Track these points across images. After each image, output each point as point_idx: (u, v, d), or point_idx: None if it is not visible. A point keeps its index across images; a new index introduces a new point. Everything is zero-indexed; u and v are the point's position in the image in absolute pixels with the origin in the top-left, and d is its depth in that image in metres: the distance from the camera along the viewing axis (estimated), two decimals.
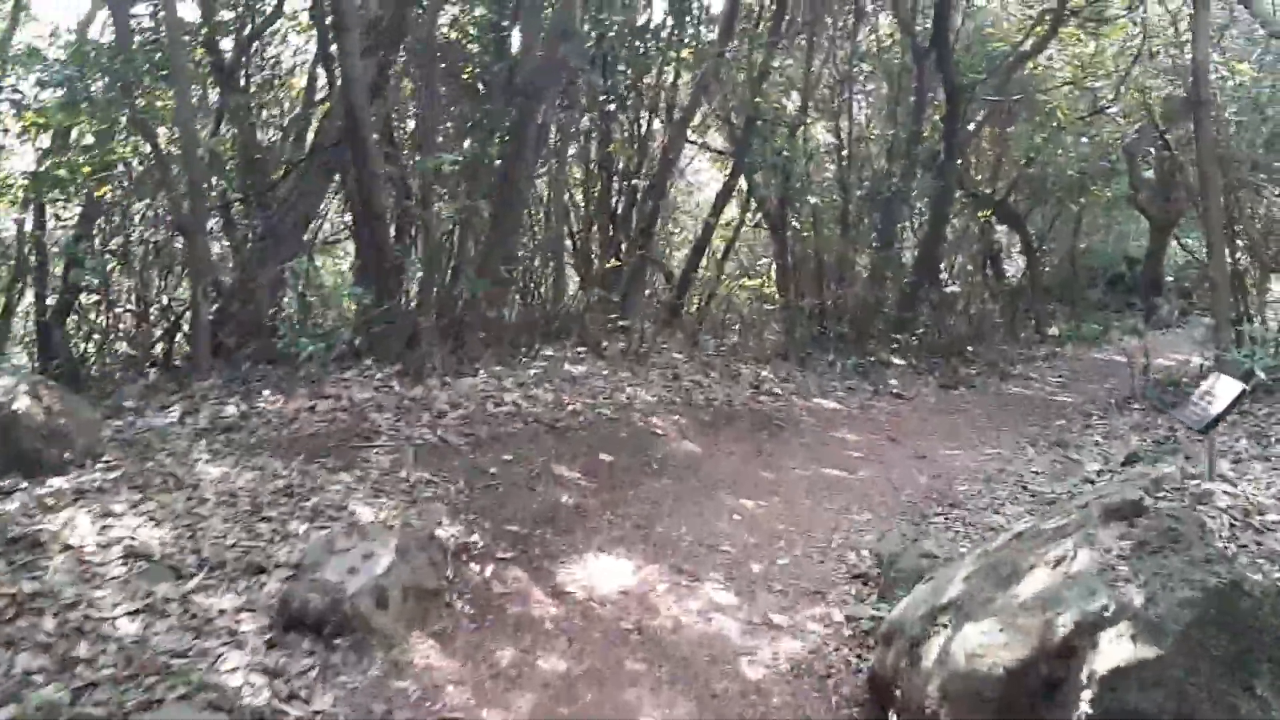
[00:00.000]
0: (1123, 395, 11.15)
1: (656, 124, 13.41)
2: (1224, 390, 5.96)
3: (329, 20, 7.65)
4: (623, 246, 11.21)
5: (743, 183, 14.48)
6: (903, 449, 7.87)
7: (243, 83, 9.62)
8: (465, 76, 10.58)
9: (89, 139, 8.34)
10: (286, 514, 4.89)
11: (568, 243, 12.21)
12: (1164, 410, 9.30)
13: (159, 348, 8.06)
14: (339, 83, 6.95)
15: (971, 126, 14.02)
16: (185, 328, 8.11)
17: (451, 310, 7.52)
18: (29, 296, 9.39)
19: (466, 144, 8.76)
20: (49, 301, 8.77)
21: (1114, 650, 2.90)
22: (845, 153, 14.75)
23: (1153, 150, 19.02)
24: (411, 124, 10.84)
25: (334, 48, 8.18)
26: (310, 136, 9.09)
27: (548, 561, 4.90)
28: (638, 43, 11.07)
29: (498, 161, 8.38)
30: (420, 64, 7.91)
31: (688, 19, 12.84)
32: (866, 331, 13.83)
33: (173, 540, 4.48)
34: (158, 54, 8.08)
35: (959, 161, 14.58)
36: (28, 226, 8.90)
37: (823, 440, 7.95)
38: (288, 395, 6.57)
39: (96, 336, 8.63)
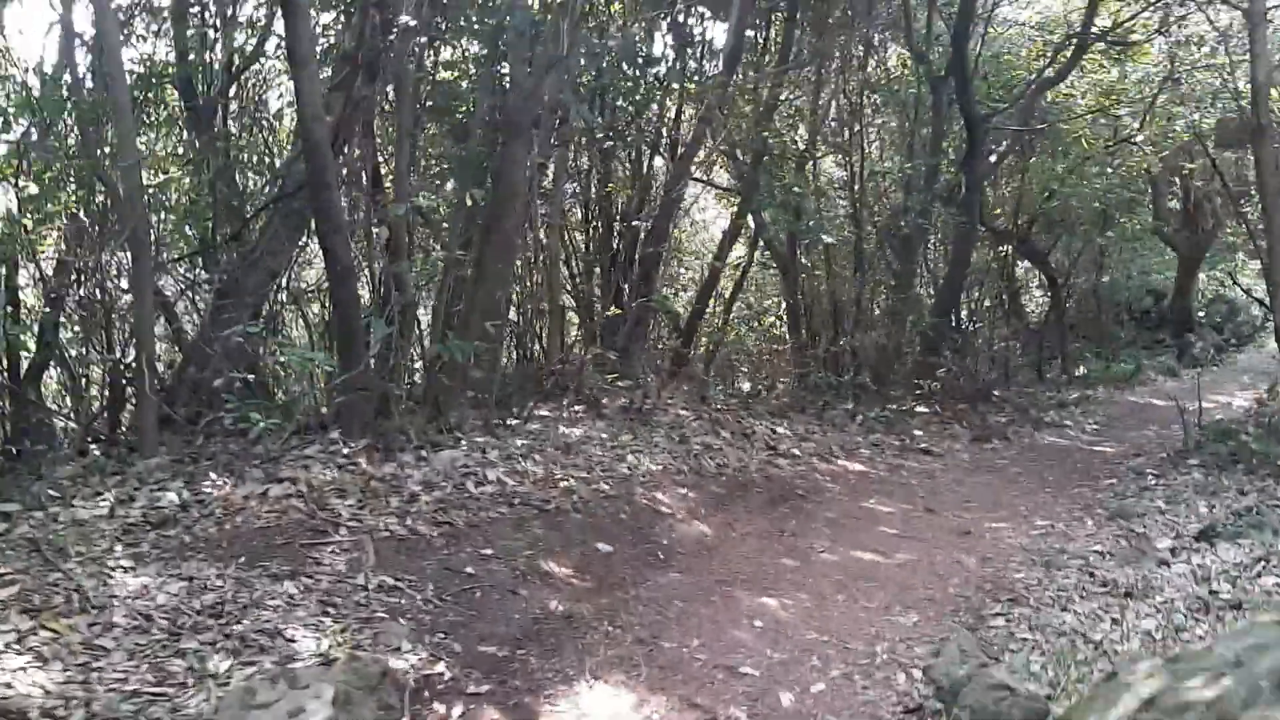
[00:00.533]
0: (1174, 447, 10.19)
1: (659, 161, 12.64)
2: None
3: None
4: (624, 293, 10.34)
5: (750, 221, 13.67)
6: (942, 522, 6.93)
7: (221, 125, 8.82)
8: (459, 115, 9.80)
9: (32, 189, 7.50)
10: (209, 643, 3.97)
11: (566, 291, 11.36)
12: (1224, 467, 8.37)
13: (105, 420, 7.16)
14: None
15: (993, 158, 13.14)
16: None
17: (431, 374, 6.63)
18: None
19: (450, 186, 7.93)
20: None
21: None
22: (858, 188, 13.91)
23: (1178, 181, 18.20)
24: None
25: None
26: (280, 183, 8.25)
27: (530, 696, 3.96)
28: (637, 74, 10.27)
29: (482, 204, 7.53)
30: (396, 100, 7.06)
31: (689, 50, 12.06)
32: (886, 378, 12.93)
33: (59, 688, 3.56)
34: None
35: (980, 195, 13.71)
36: None
37: (851, 512, 7.01)
38: (237, 479, 5.67)
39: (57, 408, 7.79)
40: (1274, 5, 10.78)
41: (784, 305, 14.77)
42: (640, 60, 9.71)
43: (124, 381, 6.91)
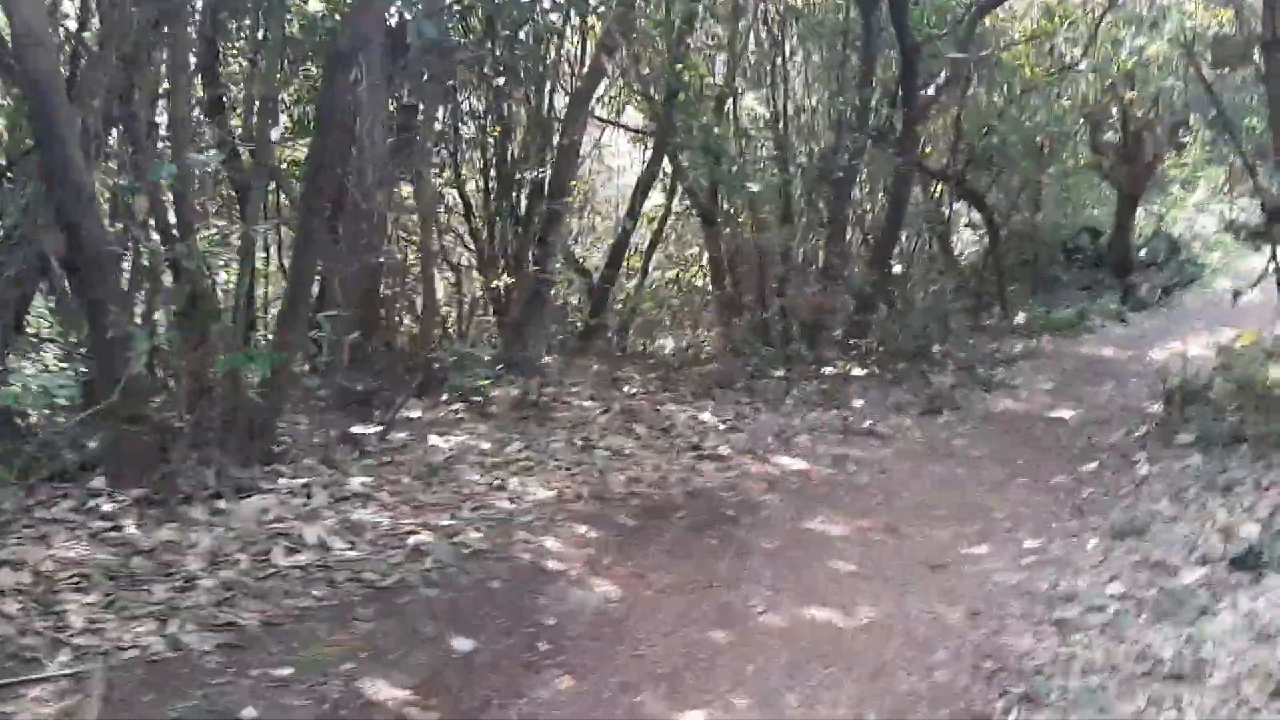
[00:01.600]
0: (1143, 411, 8.86)
1: (562, 102, 10.84)
2: None
3: None
4: (519, 258, 8.61)
5: (668, 166, 12.00)
6: (909, 547, 5.38)
7: None
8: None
9: None
10: None
11: (449, 263, 9.57)
12: (1225, 445, 6.99)
13: None
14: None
15: (931, 90, 11.56)
16: None
17: (233, 396, 4.87)
18: None
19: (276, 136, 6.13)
20: None
21: None
22: (782, 127, 12.27)
23: (1115, 112, 16.85)
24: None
25: None
26: None
27: None
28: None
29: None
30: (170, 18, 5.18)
31: None
32: (819, 338, 11.42)
33: None
34: None
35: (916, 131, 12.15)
36: None
37: (795, 538, 5.42)
38: None
39: None
40: None
41: (707, 259, 13.14)
42: None
43: None
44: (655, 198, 12.95)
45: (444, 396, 7.07)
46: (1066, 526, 5.73)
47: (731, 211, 12.46)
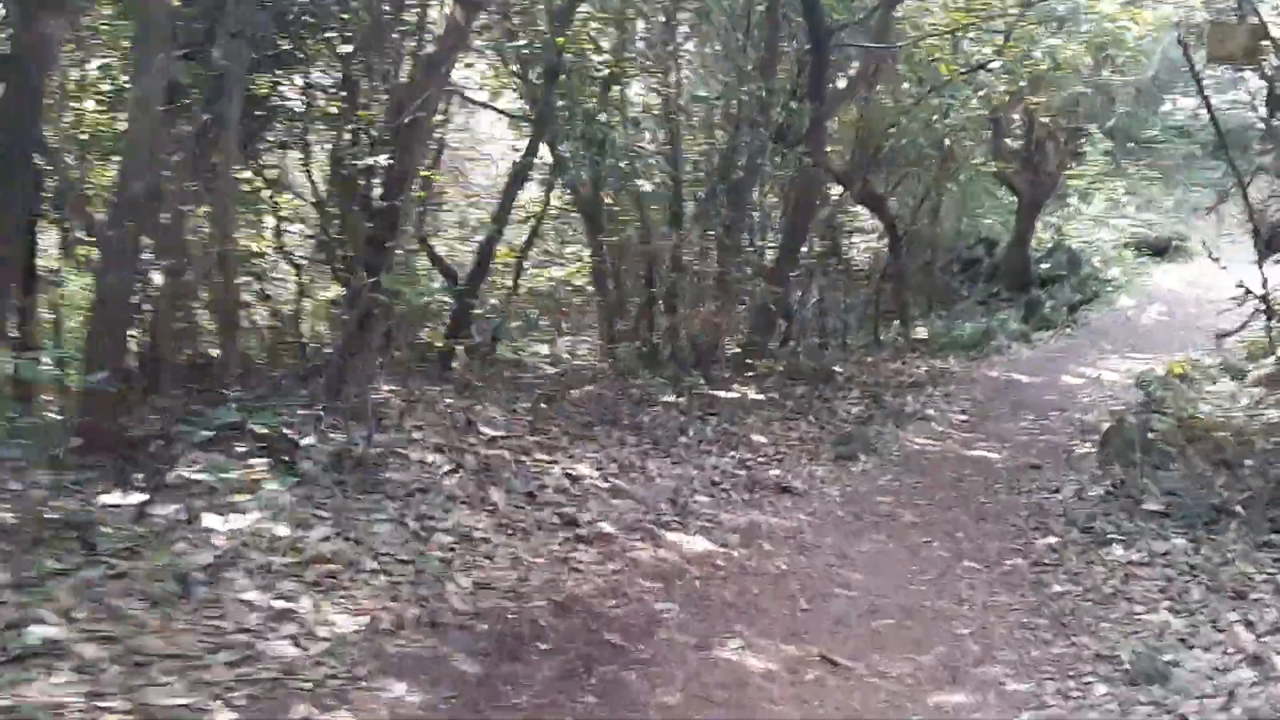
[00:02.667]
0: (1090, 467, 7.64)
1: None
2: None
3: None
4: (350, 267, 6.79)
5: (549, 156, 10.34)
6: (859, 697, 3.85)
7: None
8: None
9: None
10: None
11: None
12: (1210, 522, 5.71)
13: None
14: None
15: (843, 84, 10.16)
16: None
17: None
18: None
19: None
20: None
21: None
22: (675, 117, 10.73)
23: (1018, 117, 15.86)
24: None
25: None
26: None
27: None
28: None
29: None
30: None
31: None
32: (713, 357, 9.92)
33: None
34: None
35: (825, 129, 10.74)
36: None
37: (705, 684, 3.81)
38: None
39: None
40: None
41: (590, 257, 11.50)
42: None
43: None
44: (537, 191, 11.28)
45: (241, 449, 5.27)
46: (1052, 653, 4.28)
47: (617, 210, 10.89)
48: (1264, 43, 5.28)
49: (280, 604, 3.84)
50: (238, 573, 4.02)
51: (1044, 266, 15.91)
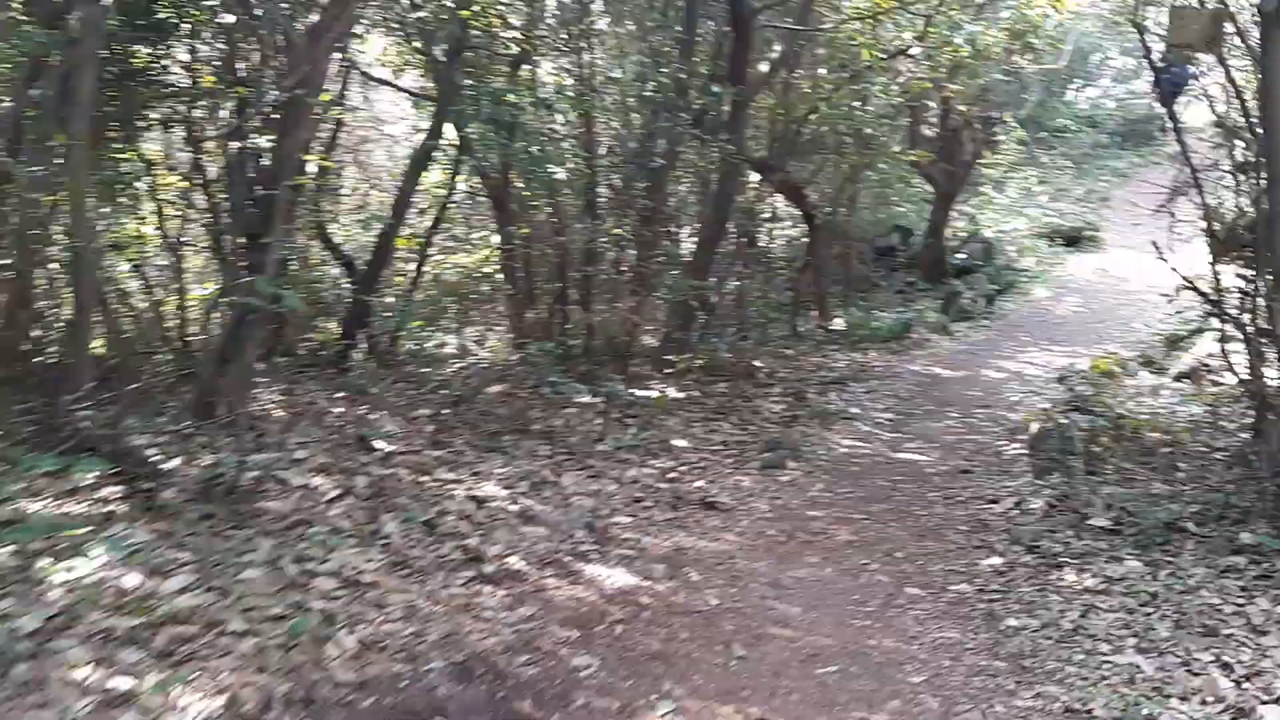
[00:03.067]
0: (1022, 472, 7.27)
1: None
2: None
3: None
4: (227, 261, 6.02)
5: (455, 138, 9.64)
6: None
7: None
8: None
9: None
10: None
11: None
12: (1156, 539, 5.32)
13: None
14: None
15: (765, 68, 9.62)
16: None
17: None
18: None
19: None
20: None
21: None
22: (588, 101, 10.07)
23: (933, 104, 15.53)
24: None
25: None
26: None
27: None
28: None
29: None
30: None
31: None
32: (630, 355, 9.35)
33: None
34: None
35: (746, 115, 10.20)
36: None
37: None
38: None
39: None
40: None
41: (499, 244, 10.80)
42: None
43: None
44: (444, 174, 10.54)
45: (93, 473, 4.51)
46: (1018, 706, 3.80)
47: (528, 196, 10.21)
48: (1226, 30, 4.87)
49: (119, 682, 3.14)
50: (71, 640, 3.31)
51: (960, 257, 15.66)
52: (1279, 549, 4.75)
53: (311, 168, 8.37)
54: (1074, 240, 16.42)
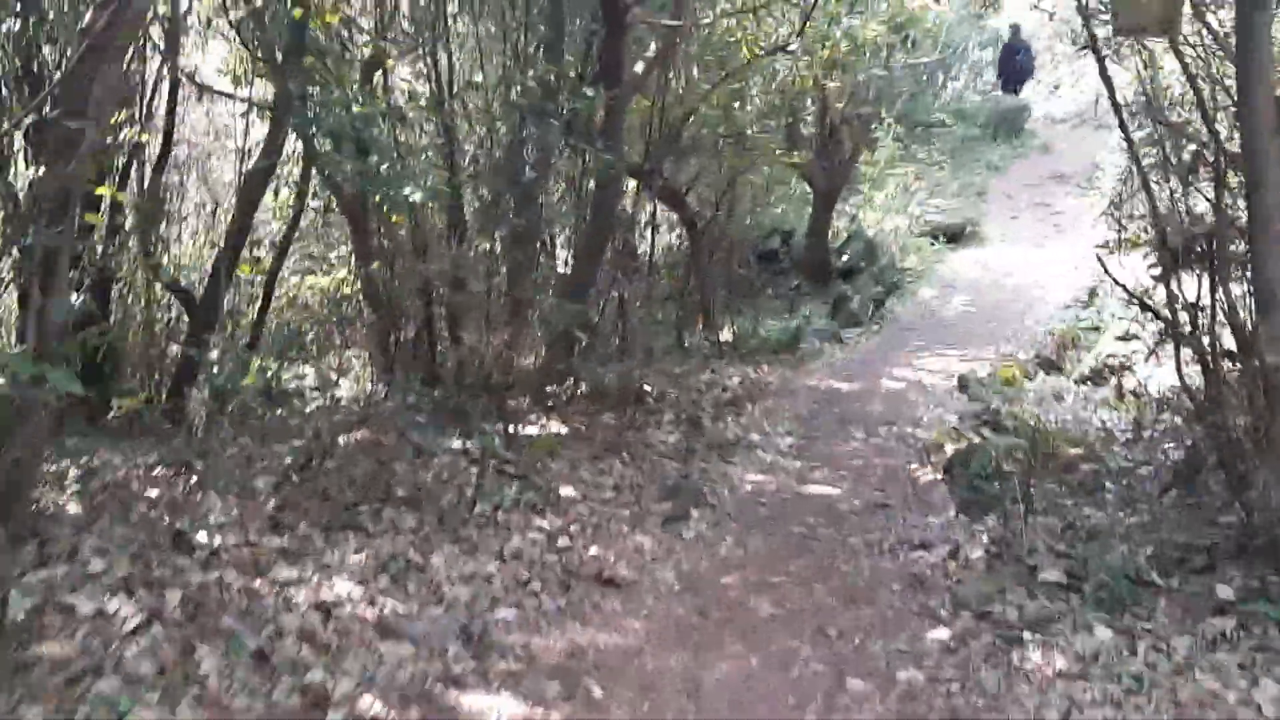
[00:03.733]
0: (945, 496, 6.62)
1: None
2: None
3: None
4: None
5: (298, 150, 8.54)
6: None
7: None
8: None
9: None
10: None
11: None
12: (1119, 603, 4.62)
13: None
14: None
15: (640, 67, 8.75)
16: None
17: None
18: None
19: None
20: None
21: None
22: (449, 109, 9.04)
23: (811, 101, 14.97)
24: None
25: None
26: None
27: None
28: None
29: None
30: None
31: None
32: (506, 389, 8.35)
33: None
34: None
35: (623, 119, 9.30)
36: None
37: None
38: None
39: None
40: None
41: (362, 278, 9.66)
42: None
43: None
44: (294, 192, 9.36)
45: None
46: None
47: (386, 211, 9.10)
48: (1182, 12, 4.19)
49: None
50: None
51: (843, 258, 15.09)
52: (1275, 618, 4.06)
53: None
54: (956, 236, 16.05)
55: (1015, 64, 21.36)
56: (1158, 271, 4.86)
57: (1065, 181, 18.18)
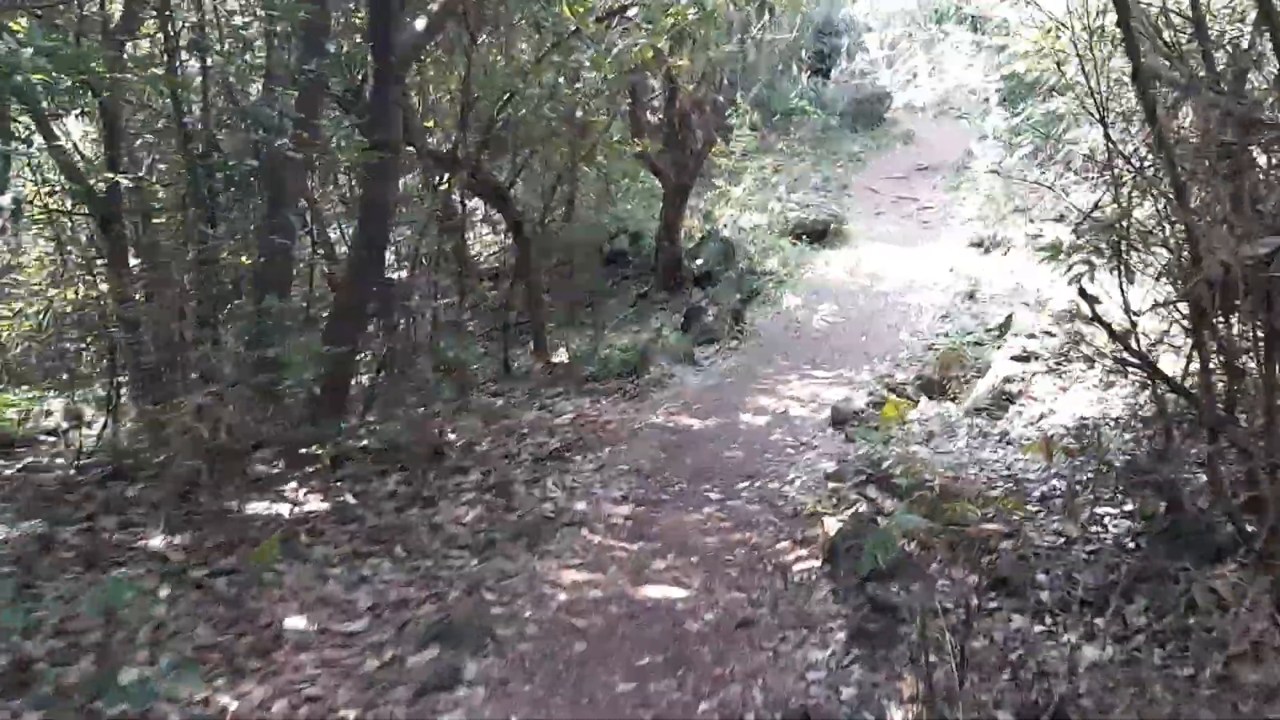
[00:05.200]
0: (826, 599, 4.73)
1: None
2: None
3: None
4: None
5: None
6: None
7: None
8: None
9: None
10: None
11: None
12: None
13: None
14: None
15: (421, 25, 6.55)
16: None
17: None
18: None
19: None
20: None
21: None
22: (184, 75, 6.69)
23: (655, 84, 13.03)
24: None
25: None
26: None
27: None
28: None
29: None
30: None
31: None
32: (236, 457, 6.12)
33: None
34: None
35: (401, 96, 7.05)
36: None
37: None
38: None
39: None
40: None
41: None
42: None
43: None
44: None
45: None
46: None
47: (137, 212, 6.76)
48: None
49: None
50: None
51: (698, 261, 13.18)
52: None
53: None
54: (820, 235, 14.32)
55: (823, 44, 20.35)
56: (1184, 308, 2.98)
57: (932, 174, 16.77)
